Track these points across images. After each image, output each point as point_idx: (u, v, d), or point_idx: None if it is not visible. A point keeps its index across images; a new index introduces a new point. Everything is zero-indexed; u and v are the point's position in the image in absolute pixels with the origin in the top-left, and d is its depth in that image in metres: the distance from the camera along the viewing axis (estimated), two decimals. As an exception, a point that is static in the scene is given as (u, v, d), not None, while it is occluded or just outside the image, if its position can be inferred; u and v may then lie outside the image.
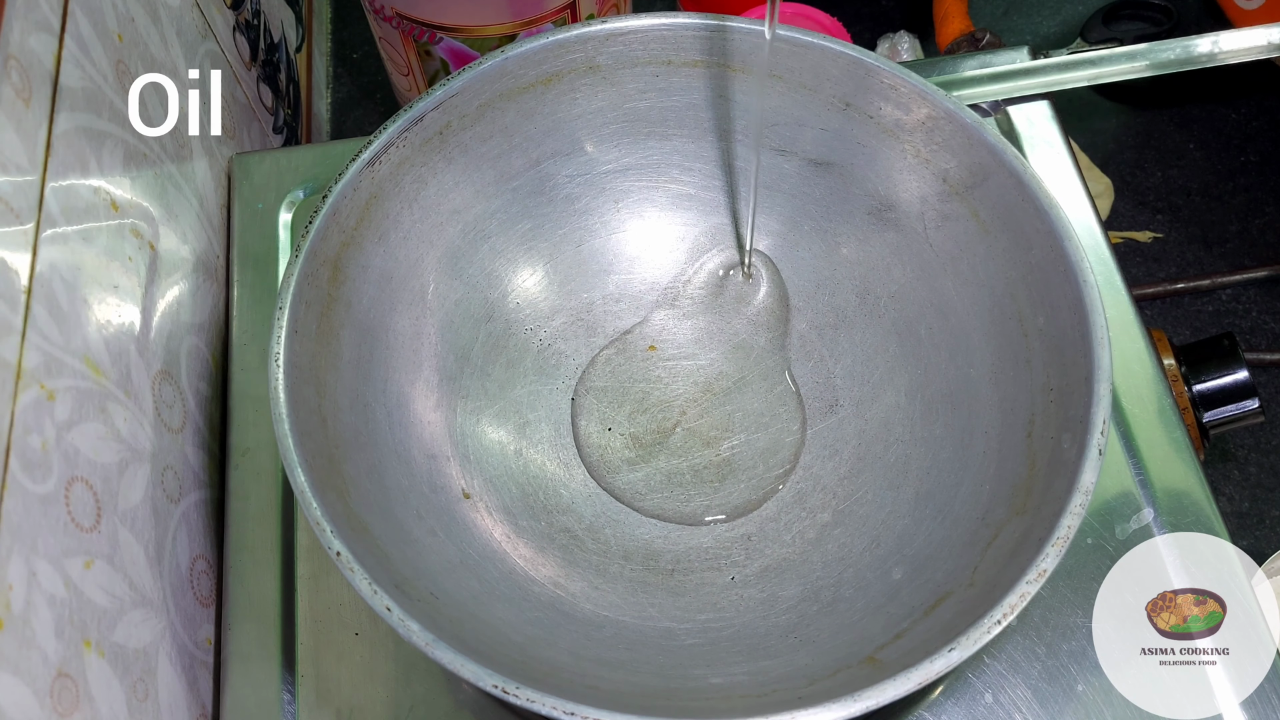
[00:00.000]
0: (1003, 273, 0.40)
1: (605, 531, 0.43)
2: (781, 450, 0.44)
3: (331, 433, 0.37)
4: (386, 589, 0.32)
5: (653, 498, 0.43)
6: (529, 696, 0.30)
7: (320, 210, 0.39)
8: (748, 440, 0.44)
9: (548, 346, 0.46)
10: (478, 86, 0.42)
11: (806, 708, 0.30)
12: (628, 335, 0.47)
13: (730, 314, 0.47)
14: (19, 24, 0.35)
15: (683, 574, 0.42)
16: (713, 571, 0.42)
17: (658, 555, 0.42)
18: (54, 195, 0.36)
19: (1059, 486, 0.34)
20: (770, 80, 0.43)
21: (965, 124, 0.40)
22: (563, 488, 0.44)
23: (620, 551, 0.42)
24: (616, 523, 0.43)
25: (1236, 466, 0.58)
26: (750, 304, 0.47)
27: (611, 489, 0.44)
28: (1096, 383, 0.35)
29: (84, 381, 0.37)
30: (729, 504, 0.43)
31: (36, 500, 0.32)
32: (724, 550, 0.42)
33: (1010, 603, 0.32)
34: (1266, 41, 0.50)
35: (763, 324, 0.47)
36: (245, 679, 0.42)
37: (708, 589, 0.41)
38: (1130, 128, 0.68)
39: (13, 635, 0.30)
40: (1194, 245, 0.64)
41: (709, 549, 0.42)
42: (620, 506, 0.43)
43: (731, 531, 0.43)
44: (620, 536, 0.43)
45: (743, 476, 0.44)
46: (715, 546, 0.42)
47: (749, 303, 0.47)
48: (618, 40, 0.43)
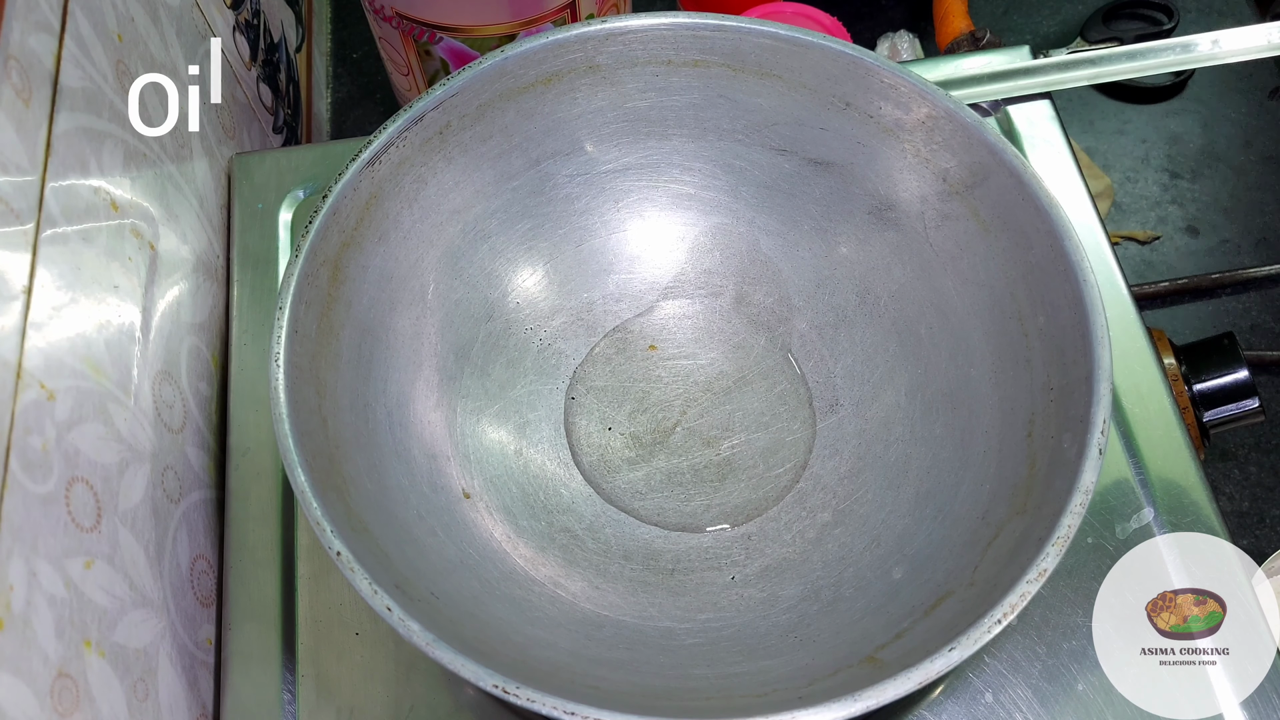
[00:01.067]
0: (1003, 272, 0.40)
1: (605, 531, 0.43)
2: (782, 449, 0.44)
3: (332, 433, 0.37)
4: (387, 589, 0.32)
5: (653, 497, 0.43)
6: (529, 696, 0.30)
7: (320, 210, 0.39)
8: (748, 440, 0.44)
9: (548, 346, 0.46)
10: (477, 86, 0.42)
11: (807, 707, 0.30)
12: (628, 335, 0.47)
13: (730, 314, 0.47)
14: (19, 24, 0.35)
15: (683, 574, 0.42)
16: (713, 571, 0.42)
17: (658, 555, 0.42)
18: (54, 195, 0.36)
19: (1059, 486, 0.34)
20: (770, 80, 0.43)
21: (965, 123, 0.40)
22: (563, 487, 0.44)
23: (620, 551, 0.42)
24: (617, 522, 0.43)
25: (1236, 466, 0.58)
26: (750, 304, 0.47)
27: (611, 488, 0.44)
28: (1097, 382, 0.35)
29: (84, 382, 0.37)
30: (729, 504, 0.43)
31: (37, 500, 0.32)
32: (724, 550, 0.42)
33: (1011, 602, 0.32)
34: (1266, 40, 0.50)
35: (763, 324, 0.47)
36: (246, 679, 0.42)
37: (708, 588, 0.41)
38: (1131, 127, 0.68)
39: (13, 635, 0.30)
40: (1194, 244, 0.64)
41: (709, 549, 0.42)
42: (620, 505, 0.43)
43: (732, 531, 0.43)
44: (620, 536, 0.43)
45: (743, 476, 0.44)
46: (715, 546, 0.42)
47: (749, 302, 0.47)
48: (617, 40, 0.43)
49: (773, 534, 0.42)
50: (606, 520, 0.43)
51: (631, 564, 0.42)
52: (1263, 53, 0.50)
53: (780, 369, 0.46)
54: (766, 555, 0.42)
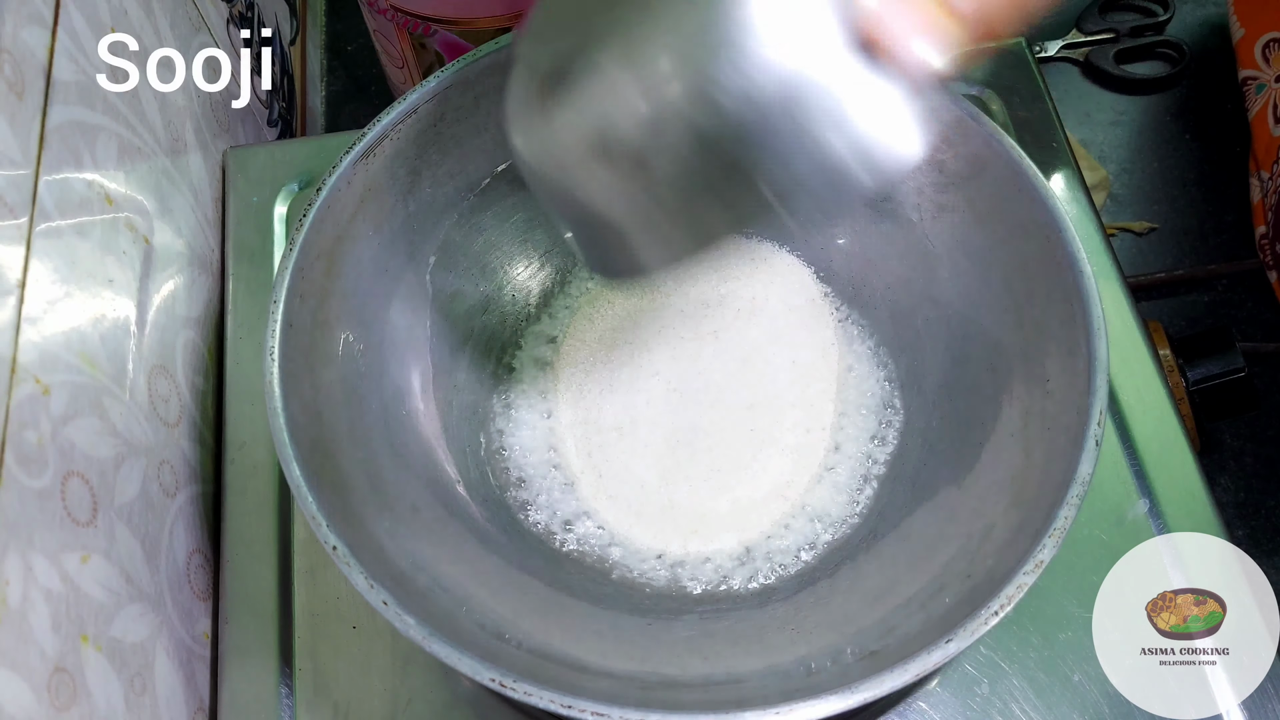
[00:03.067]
0: (999, 263, 0.40)
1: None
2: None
3: (327, 426, 0.37)
4: (383, 583, 0.32)
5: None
6: (526, 690, 0.30)
7: (314, 203, 0.38)
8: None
9: (543, 340, 0.46)
10: (472, 79, 0.42)
11: (805, 699, 0.30)
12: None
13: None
14: (11, 17, 0.35)
15: (680, 567, 0.42)
16: (709, 564, 0.42)
17: (656, 553, 0.42)
18: (48, 189, 0.36)
19: (1056, 478, 0.34)
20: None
21: (961, 115, 0.40)
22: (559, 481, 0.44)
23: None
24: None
25: (1232, 457, 0.58)
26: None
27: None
28: (1093, 374, 0.35)
29: (79, 376, 0.37)
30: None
31: (33, 495, 0.32)
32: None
33: (1007, 594, 0.32)
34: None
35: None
36: (242, 673, 0.42)
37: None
38: (1126, 118, 0.68)
39: (10, 630, 0.30)
40: (1190, 236, 0.64)
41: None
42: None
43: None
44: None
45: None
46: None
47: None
48: (613, 32, 0.43)
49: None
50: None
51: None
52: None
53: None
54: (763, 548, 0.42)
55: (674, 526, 0.42)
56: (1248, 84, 0.63)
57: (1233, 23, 0.65)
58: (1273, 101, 0.60)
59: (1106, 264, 0.48)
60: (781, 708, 0.30)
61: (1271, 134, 0.59)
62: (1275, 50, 0.61)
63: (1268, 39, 0.61)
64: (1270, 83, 0.60)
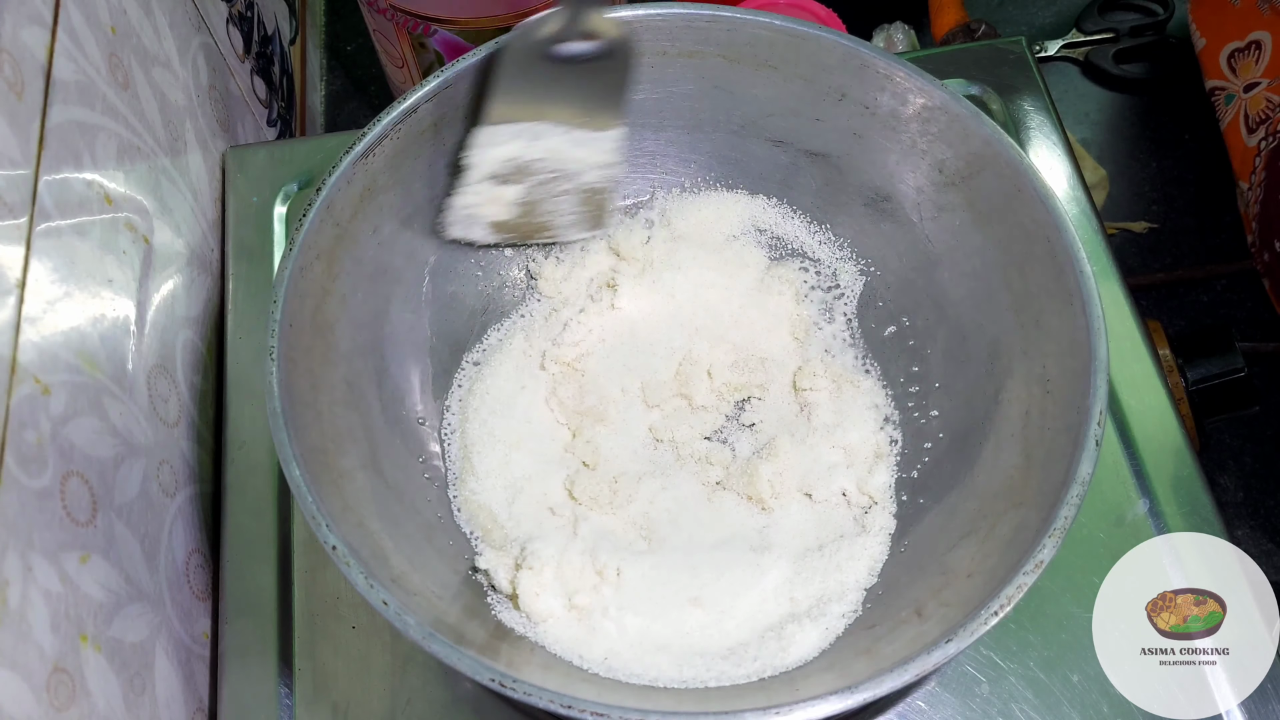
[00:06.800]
0: (999, 263, 0.40)
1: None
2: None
3: (327, 426, 0.37)
4: (383, 583, 0.32)
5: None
6: (526, 689, 0.30)
7: (314, 203, 0.38)
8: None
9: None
10: (472, 78, 0.42)
11: (805, 701, 0.30)
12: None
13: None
14: (11, 17, 0.35)
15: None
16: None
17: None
18: (47, 189, 0.36)
19: (1055, 477, 0.34)
20: (766, 71, 0.43)
21: (961, 114, 0.40)
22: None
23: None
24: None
25: (1232, 457, 0.58)
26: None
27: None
28: (1093, 373, 0.35)
29: (79, 376, 0.37)
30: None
31: (32, 495, 0.32)
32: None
33: (1008, 594, 0.32)
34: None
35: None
36: (242, 673, 0.42)
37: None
38: (1126, 118, 0.68)
39: (9, 630, 0.30)
40: (1189, 236, 0.64)
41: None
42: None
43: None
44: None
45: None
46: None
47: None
48: (613, 32, 0.43)
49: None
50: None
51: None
52: None
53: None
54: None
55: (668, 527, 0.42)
56: (1215, 94, 0.63)
57: (1193, 32, 0.65)
58: (1244, 112, 0.60)
59: (1106, 264, 0.48)
60: (783, 709, 0.30)
61: (1245, 144, 0.59)
62: (1241, 60, 0.60)
63: (1232, 49, 0.61)
64: (1239, 93, 0.60)
